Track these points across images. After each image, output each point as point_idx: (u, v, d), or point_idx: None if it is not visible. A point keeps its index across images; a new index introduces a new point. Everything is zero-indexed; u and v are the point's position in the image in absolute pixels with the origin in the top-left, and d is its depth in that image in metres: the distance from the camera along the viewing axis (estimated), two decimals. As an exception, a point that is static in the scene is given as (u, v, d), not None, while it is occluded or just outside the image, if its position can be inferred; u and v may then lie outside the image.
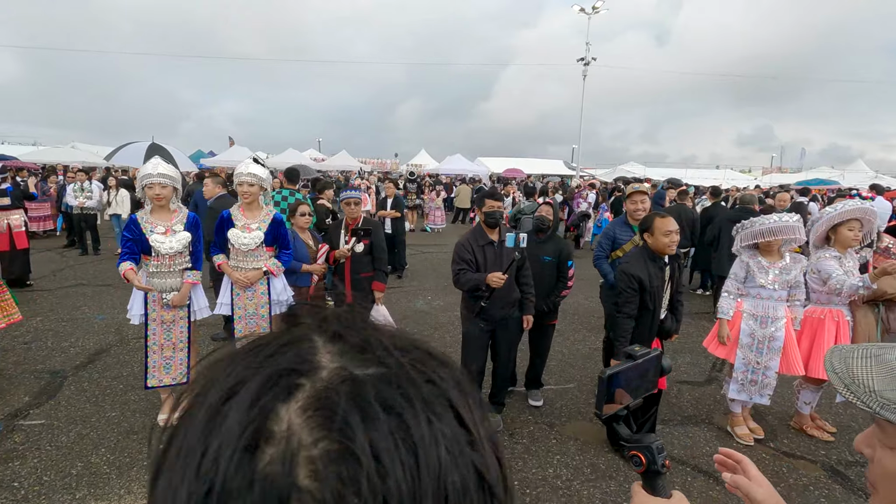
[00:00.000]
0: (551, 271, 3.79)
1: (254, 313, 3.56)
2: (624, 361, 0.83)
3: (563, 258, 3.80)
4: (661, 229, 3.01)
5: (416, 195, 15.41)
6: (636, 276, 2.93)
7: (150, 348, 3.34)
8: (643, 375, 0.86)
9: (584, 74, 26.06)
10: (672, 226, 3.02)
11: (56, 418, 3.51)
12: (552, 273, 3.79)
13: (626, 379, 0.82)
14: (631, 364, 0.83)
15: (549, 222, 3.80)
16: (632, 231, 3.95)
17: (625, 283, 2.95)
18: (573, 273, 3.98)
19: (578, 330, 5.98)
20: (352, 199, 4.11)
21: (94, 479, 2.87)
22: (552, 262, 3.77)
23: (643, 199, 4.04)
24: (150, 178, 3.25)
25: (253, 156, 3.86)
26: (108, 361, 4.50)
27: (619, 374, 0.80)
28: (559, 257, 3.78)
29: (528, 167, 28.88)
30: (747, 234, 3.44)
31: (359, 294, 4.15)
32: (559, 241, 3.96)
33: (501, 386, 3.55)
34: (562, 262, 3.80)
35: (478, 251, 3.22)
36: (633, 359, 0.84)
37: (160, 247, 3.22)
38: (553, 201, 4.28)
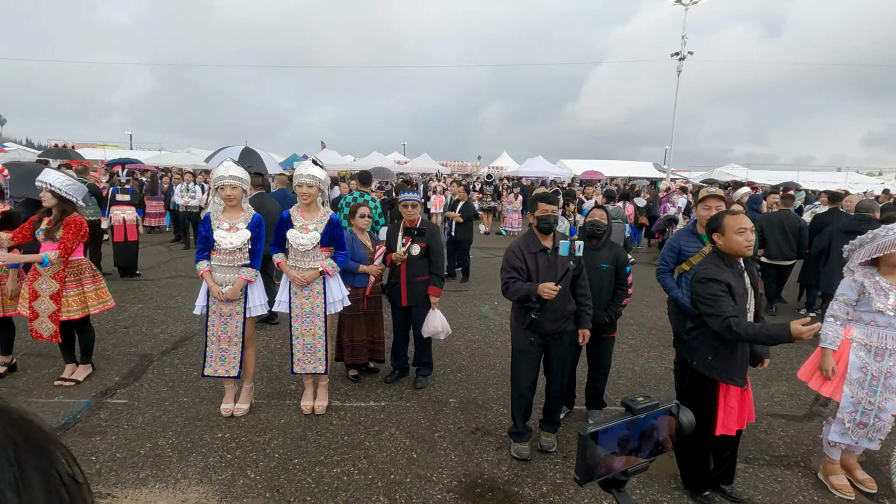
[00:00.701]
0: (609, 279, 3.50)
1: (310, 312, 3.63)
2: (614, 417, 0.64)
3: (620, 264, 3.51)
4: (733, 227, 2.60)
5: (493, 198, 15.23)
6: (722, 280, 2.54)
7: (209, 339, 3.53)
8: (647, 434, 0.66)
9: (679, 70, 24.29)
10: (745, 222, 2.61)
11: (137, 399, 3.83)
12: (610, 281, 3.50)
13: (618, 438, 0.63)
14: (625, 420, 0.63)
15: (604, 227, 3.50)
16: (700, 241, 3.51)
17: (709, 289, 2.55)
18: (632, 280, 3.65)
19: (654, 346, 5.48)
20: (409, 201, 4.06)
21: (158, 460, 3.07)
22: (610, 270, 3.47)
23: (718, 206, 3.58)
24: (222, 179, 3.44)
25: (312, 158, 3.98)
26: (189, 349, 4.86)
27: (607, 432, 0.62)
28: (616, 263, 3.50)
29: (613, 169, 27.55)
30: (868, 249, 2.86)
31: (414, 297, 4.10)
32: (614, 246, 3.65)
33: (555, 404, 3.30)
34: (619, 269, 3.50)
35: (529, 258, 3.01)
36: (631, 412, 0.64)
37: (222, 241, 3.40)
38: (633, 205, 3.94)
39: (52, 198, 3.77)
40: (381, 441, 3.38)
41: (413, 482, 2.96)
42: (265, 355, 4.73)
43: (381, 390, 4.15)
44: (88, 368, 4.16)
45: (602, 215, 3.54)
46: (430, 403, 3.95)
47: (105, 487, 2.79)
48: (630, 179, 25.38)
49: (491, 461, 3.21)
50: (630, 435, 0.64)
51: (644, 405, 0.65)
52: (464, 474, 3.07)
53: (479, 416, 3.79)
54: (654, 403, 0.66)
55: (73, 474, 0.40)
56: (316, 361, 3.64)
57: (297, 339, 3.64)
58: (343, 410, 3.78)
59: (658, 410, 0.66)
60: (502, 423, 3.66)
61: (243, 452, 3.18)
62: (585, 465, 0.60)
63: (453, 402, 3.98)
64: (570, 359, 3.30)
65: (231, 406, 3.64)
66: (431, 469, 3.10)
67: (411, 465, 3.12)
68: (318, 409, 3.70)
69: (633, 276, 3.74)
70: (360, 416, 3.70)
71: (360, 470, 3.05)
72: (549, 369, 3.23)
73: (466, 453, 3.29)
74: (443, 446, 3.35)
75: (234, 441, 3.30)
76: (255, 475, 2.96)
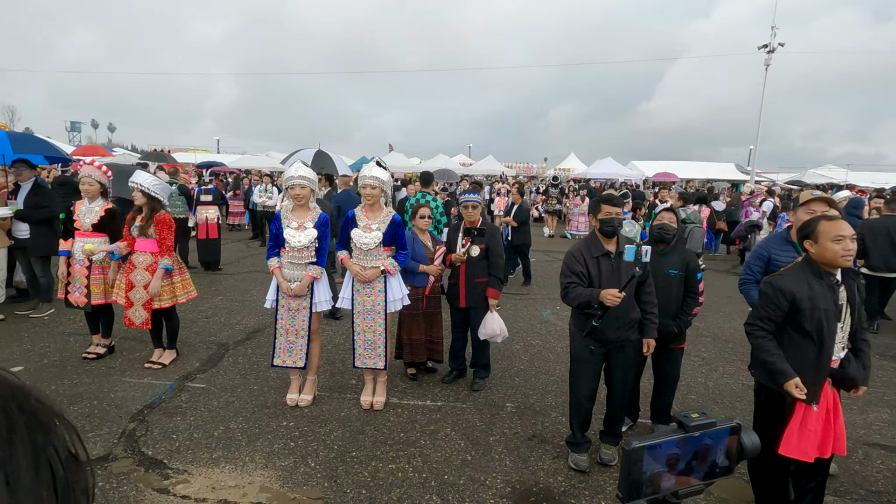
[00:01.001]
0: (678, 286, 3.29)
1: (371, 309, 3.72)
2: (665, 432, 0.59)
3: (690, 270, 3.28)
4: (829, 234, 2.32)
5: (558, 200, 14.88)
6: (786, 290, 2.32)
7: (278, 331, 3.73)
8: (702, 454, 0.60)
9: (767, 64, 22.47)
10: (844, 229, 2.31)
11: (213, 384, 4.11)
12: (679, 288, 3.29)
13: (667, 455, 0.58)
14: (676, 437, 0.58)
15: (673, 231, 3.29)
16: (795, 250, 3.15)
17: (766, 297, 2.36)
18: (703, 287, 3.40)
19: (730, 360, 5.09)
20: (470, 202, 4.06)
21: (229, 443, 3.28)
22: (679, 276, 3.26)
23: (824, 211, 3.20)
24: (292, 179, 3.62)
25: (376, 159, 4.08)
26: (261, 340, 5.16)
27: (655, 449, 0.57)
28: (686, 269, 3.27)
29: (689, 171, 26.02)
30: None
31: (473, 299, 4.08)
32: (684, 251, 3.42)
33: (616, 416, 3.15)
34: (690, 275, 3.28)
35: (591, 263, 2.89)
36: (684, 429, 0.59)
37: (291, 239, 3.57)
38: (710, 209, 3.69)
39: (143, 197, 4.15)
40: (437, 441, 3.40)
41: (466, 484, 2.95)
42: (329, 350, 4.92)
43: (438, 390, 4.18)
44: (173, 353, 4.53)
45: (671, 218, 3.34)
46: (487, 406, 3.92)
47: (182, 465, 3.02)
48: (708, 181, 23.85)
49: (547, 470, 3.13)
50: (681, 453, 0.58)
51: (698, 422, 0.59)
52: (518, 481, 3.01)
53: (536, 422, 3.71)
54: (709, 421, 0.60)
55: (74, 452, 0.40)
56: (376, 357, 3.73)
57: (359, 335, 3.74)
58: (400, 408, 3.84)
59: (715, 429, 0.60)
60: (560, 431, 3.56)
61: (305, 442, 3.32)
62: (630, 481, 0.56)
63: (510, 407, 3.93)
64: (634, 369, 3.14)
65: (296, 396, 3.81)
66: (485, 473, 3.06)
67: (465, 468, 3.11)
68: (377, 405, 3.78)
69: (706, 285, 3.50)
70: (416, 415, 3.74)
71: (414, 468, 3.09)
72: (611, 379, 3.10)
73: (522, 460, 3.22)
74: (498, 451, 3.31)
75: (297, 430, 3.46)
76: (315, 464, 3.08)
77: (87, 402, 3.73)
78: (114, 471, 2.94)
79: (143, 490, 2.78)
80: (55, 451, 0.39)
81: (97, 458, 3.05)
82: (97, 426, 3.41)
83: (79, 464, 0.41)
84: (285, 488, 2.85)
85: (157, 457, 3.09)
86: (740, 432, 0.63)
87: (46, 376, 4.12)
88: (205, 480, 2.88)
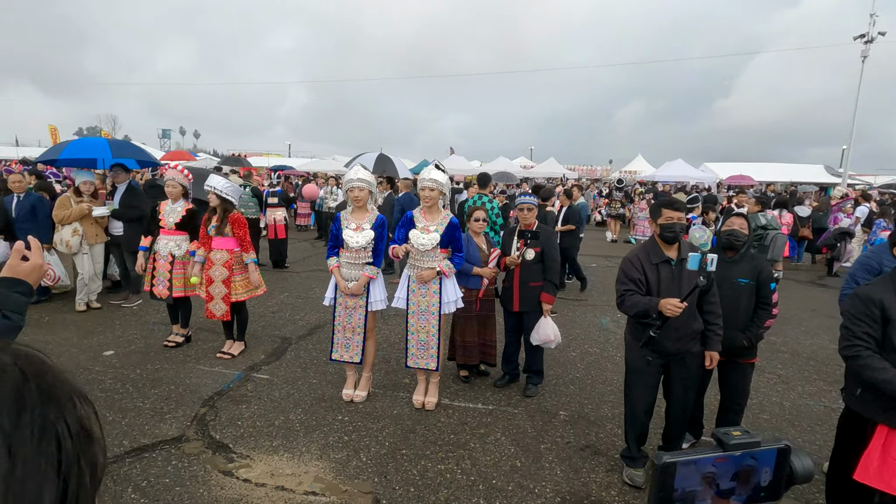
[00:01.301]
0: (749, 296, 3.05)
1: (425, 310, 3.77)
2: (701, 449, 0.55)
3: (762, 279, 3.03)
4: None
5: (622, 203, 14.35)
6: (876, 299, 2.09)
7: (336, 327, 3.87)
8: (744, 475, 0.56)
9: (865, 55, 20.44)
10: None
11: (276, 376, 4.34)
12: (750, 298, 3.05)
13: (702, 474, 0.54)
14: (713, 454, 0.54)
15: (744, 237, 3.05)
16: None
17: (857, 310, 2.13)
18: (777, 298, 3.12)
19: (811, 380, 4.67)
20: (525, 204, 4.01)
21: (288, 433, 3.44)
22: (749, 286, 3.02)
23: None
24: (351, 182, 3.75)
25: (435, 162, 4.14)
26: (321, 336, 5.38)
27: (688, 465, 0.53)
28: (758, 279, 3.03)
29: (771, 173, 24.18)
30: None
31: (527, 303, 4.03)
32: (756, 258, 3.15)
33: (675, 431, 2.98)
34: (761, 285, 3.03)
35: (649, 270, 2.75)
36: (723, 446, 0.55)
37: (349, 240, 3.70)
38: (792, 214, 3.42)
39: (216, 198, 4.46)
40: (486, 444, 3.38)
41: (514, 491, 2.91)
42: (385, 348, 5.04)
43: (490, 394, 4.16)
44: (242, 345, 4.83)
45: (742, 224, 3.11)
46: (539, 413, 3.85)
47: (245, 450, 3.21)
48: (792, 185, 22.05)
49: (600, 483, 3.02)
50: (719, 473, 0.54)
51: (739, 441, 0.55)
52: (568, 492, 2.93)
53: (590, 432, 3.59)
54: (753, 440, 0.55)
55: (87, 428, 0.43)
56: (428, 358, 3.77)
57: (412, 335, 3.81)
58: (451, 409, 3.86)
59: (759, 449, 0.55)
60: (616, 443, 3.42)
61: (358, 436, 3.42)
62: (660, 498, 0.53)
63: (563, 415, 3.83)
64: (695, 383, 2.96)
65: (351, 392, 3.94)
66: (535, 481, 3.01)
67: (514, 474, 3.07)
68: (428, 405, 3.82)
69: (786, 297, 3.23)
70: (467, 417, 3.74)
71: (462, 470, 3.09)
72: (670, 393, 2.94)
73: (573, 470, 3.14)
74: (548, 459, 3.24)
75: (351, 424, 3.57)
76: (367, 459, 3.16)
77: (165, 386, 4.06)
78: (186, 451, 3.18)
79: (209, 471, 2.99)
80: (66, 426, 0.42)
81: (172, 439, 3.31)
82: (173, 409, 3.70)
83: (91, 439, 0.44)
84: (338, 480, 2.95)
85: (223, 441, 3.31)
86: (790, 455, 0.58)
87: (132, 361, 4.53)
88: (265, 467, 3.05)
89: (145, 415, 3.60)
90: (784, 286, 8.39)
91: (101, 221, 6.00)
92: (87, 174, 6.01)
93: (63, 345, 4.86)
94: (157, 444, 3.25)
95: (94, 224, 5.92)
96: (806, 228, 9.88)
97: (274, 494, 2.80)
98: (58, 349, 4.75)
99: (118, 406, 3.70)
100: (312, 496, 2.80)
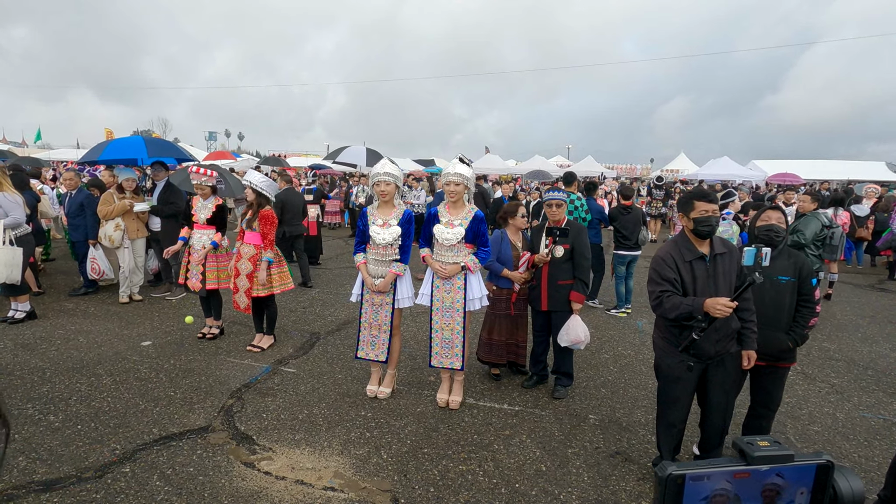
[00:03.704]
0: (792, 294, 2.84)
1: (450, 307, 3.69)
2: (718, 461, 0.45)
3: (804, 277, 2.83)
4: None
5: (663, 203, 13.81)
6: None
7: (362, 325, 3.84)
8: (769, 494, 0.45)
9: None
10: None
11: (303, 370, 4.36)
12: (793, 297, 2.85)
13: (714, 490, 0.43)
14: (731, 468, 0.44)
15: (783, 233, 2.83)
16: None
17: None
18: (819, 295, 2.89)
19: (870, 391, 4.30)
20: (554, 200, 3.86)
21: (311, 426, 3.43)
22: (791, 283, 2.81)
23: None
24: (378, 176, 3.71)
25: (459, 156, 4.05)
26: (349, 332, 5.38)
27: (700, 480, 0.43)
28: (799, 275, 2.83)
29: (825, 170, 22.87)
30: None
31: (555, 302, 3.88)
32: (795, 254, 2.92)
33: (715, 441, 2.77)
34: (803, 282, 2.83)
35: (683, 268, 2.55)
36: (745, 458, 0.45)
37: (376, 237, 3.65)
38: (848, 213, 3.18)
39: (252, 193, 4.53)
40: (511, 447, 3.27)
41: (538, 496, 2.79)
42: (411, 346, 4.99)
43: (517, 394, 4.03)
44: (271, 339, 4.89)
45: (779, 218, 2.90)
46: (567, 416, 3.70)
47: (268, 443, 3.22)
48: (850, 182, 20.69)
49: (630, 492, 2.86)
50: (737, 490, 0.43)
51: (766, 452, 0.44)
52: (596, 499, 2.78)
53: (621, 438, 3.42)
54: (784, 453, 0.44)
55: None
56: (452, 357, 3.69)
57: (437, 333, 3.73)
58: (476, 409, 3.76)
59: (790, 465, 0.44)
60: (648, 451, 3.24)
61: (380, 433, 3.37)
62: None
63: (593, 419, 3.67)
64: (735, 387, 2.74)
65: (375, 388, 3.90)
66: (560, 486, 2.88)
67: (538, 478, 2.95)
68: (452, 404, 3.74)
69: (846, 302, 2.98)
70: (491, 417, 3.64)
71: (485, 472, 2.99)
72: (708, 399, 2.73)
73: (602, 477, 2.98)
74: (576, 464, 3.10)
75: (374, 421, 3.53)
76: (388, 456, 3.11)
77: (196, 376, 4.15)
78: (211, 441, 3.22)
79: (232, 462, 3.01)
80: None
81: (199, 429, 3.36)
82: (202, 399, 3.76)
83: None
84: (357, 476, 2.91)
85: (247, 433, 3.33)
86: (832, 472, 0.46)
87: (168, 352, 4.66)
88: (286, 460, 3.04)
89: (175, 404, 3.68)
90: (839, 290, 7.84)
91: (141, 217, 6.23)
92: (129, 171, 6.25)
93: (105, 334, 5.06)
94: (185, 433, 3.31)
95: (136, 219, 6.15)
96: (864, 229, 9.21)
97: (293, 488, 2.78)
98: (100, 338, 4.94)
99: (151, 395, 3.80)
100: (331, 492, 2.77)
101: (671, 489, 0.44)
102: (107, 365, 4.33)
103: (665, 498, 0.43)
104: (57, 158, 26.08)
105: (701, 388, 2.73)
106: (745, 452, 0.47)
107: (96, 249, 6.16)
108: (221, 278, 4.96)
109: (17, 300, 5.29)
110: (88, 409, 3.56)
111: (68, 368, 4.23)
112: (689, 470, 0.44)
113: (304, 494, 2.74)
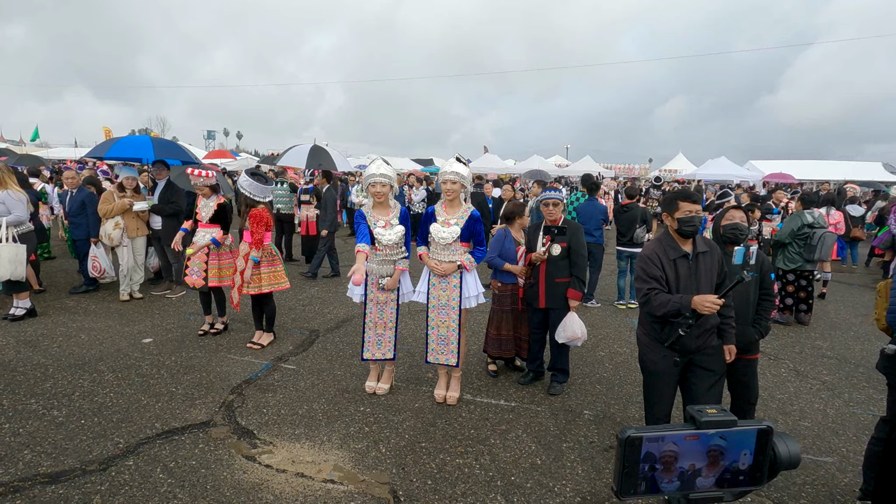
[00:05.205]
0: (755, 289, 3.02)
1: (446, 304, 3.76)
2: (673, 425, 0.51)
3: (765, 271, 3.03)
4: None
5: (660, 202, 13.90)
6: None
7: (367, 325, 3.89)
8: (713, 456, 0.51)
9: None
10: None
11: (302, 367, 4.42)
12: (756, 291, 3.02)
13: (664, 452, 0.50)
14: (682, 432, 0.50)
15: (746, 231, 2.98)
16: None
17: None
18: (778, 288, 3.06)
19: (860, 387, 4.38)
20: (550, 199, 3.93)
21: (310, 422, 3.50)
22: (755, 279, 3.00)
23: None
24: (373, 177, 3.75)
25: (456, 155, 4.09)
26: (348, 330, 5.45)
27: (655, 442, 0.50)
28: (760, 270, 3.01)
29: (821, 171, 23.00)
30: None
31: (553, 299, 3.95)
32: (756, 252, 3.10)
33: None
34: (764, 276, 3.03)
35: (668, 266, 2.62)
36: (695, 423, 0.51)
37: (382, 238, 3.71)
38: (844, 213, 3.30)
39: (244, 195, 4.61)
40: (507, 441, 3.33)
41: (533, 488, 2.86)
42: (410, 342, 5.06)
43: (514, 390, 4.10)
44: (271, 336, 4.95)
45: (742, 217, 3.05)
46: (563, 412, 3.77)
47: (269, 437, 3.28)
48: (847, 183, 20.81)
49: (622, 484, 2.93)
50: (685, 451, 0.50)
51: (712, 418, 0.51)
52: (589, 492, 2.85)
53: (615, 433, 3.48)
54: (728, 419, 0.51)
55: None
56: (448, 353, 3.75)
57: (433, 330, 3.79)
58: (473, 405, 3.83)
59: (736, 429, 0.50)
60: (641, 445, 3.31)
61: (379, 428, 3.44)
62: (624, 474, 0.49)
63: (588, 415, 3.74)
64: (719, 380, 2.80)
65: (374, 384, 3.97)
66: (554, 479, 2.95)
67: (533, 471, 3.02)
68: (450, 400, 3.81)
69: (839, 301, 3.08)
70: (488, 413, 3.71)
71: (481, 465, 3.06)
72: (691, 392, 2.76)
73: (595, 471, 3.05)
74: (570, 458, 3.17)
75: (372, 416, 3.59)
76: (386, 450, 3.17)
77: (197, 372, 4.21)
78: (213, 435, 3.28)
79: (234, 455, 3.07)
80: None
81: (201, 423, 3.42)
82: (204, 395, 3.83)
83: None
84: (356, 470, 2.97)
85: (248, 427, 3.39)
86: (771, 436, 0.53)
87: (168, 348, 4.72)
88: (286, 453, 3.11)
89: (177, 399, 3.74)
90: (833, 289, 7.91)
91: (142, 216, 6.28)
92: (129, 170, 6.31)
93: (106, 332, 5.12)
94: (187, 427, 3.37)
95: (136, 218, 6.21)
96: (858, 229, 9.29)
97: (294, 481, 2.85)
98: (101, 335, 5.00)
99: (153, 391, 3.86)
100: (330, 484, 2.83)
101: (631, 450, 0.50)
102: (108, 361, 4.39)
103: (625, 456, 0.50)
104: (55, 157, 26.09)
105: (683, 384, 2.79)
106: (694, 418, 0.53)
107: (98, 248, 6.21)
108: (223, 276, 5.02)
109: (18, 297, 5.34)
110: (91, 405, 3.62)
111: (70, 365, 4.29)
112: (646, 433, 0.50)
113: (304, 487, 2.80)
